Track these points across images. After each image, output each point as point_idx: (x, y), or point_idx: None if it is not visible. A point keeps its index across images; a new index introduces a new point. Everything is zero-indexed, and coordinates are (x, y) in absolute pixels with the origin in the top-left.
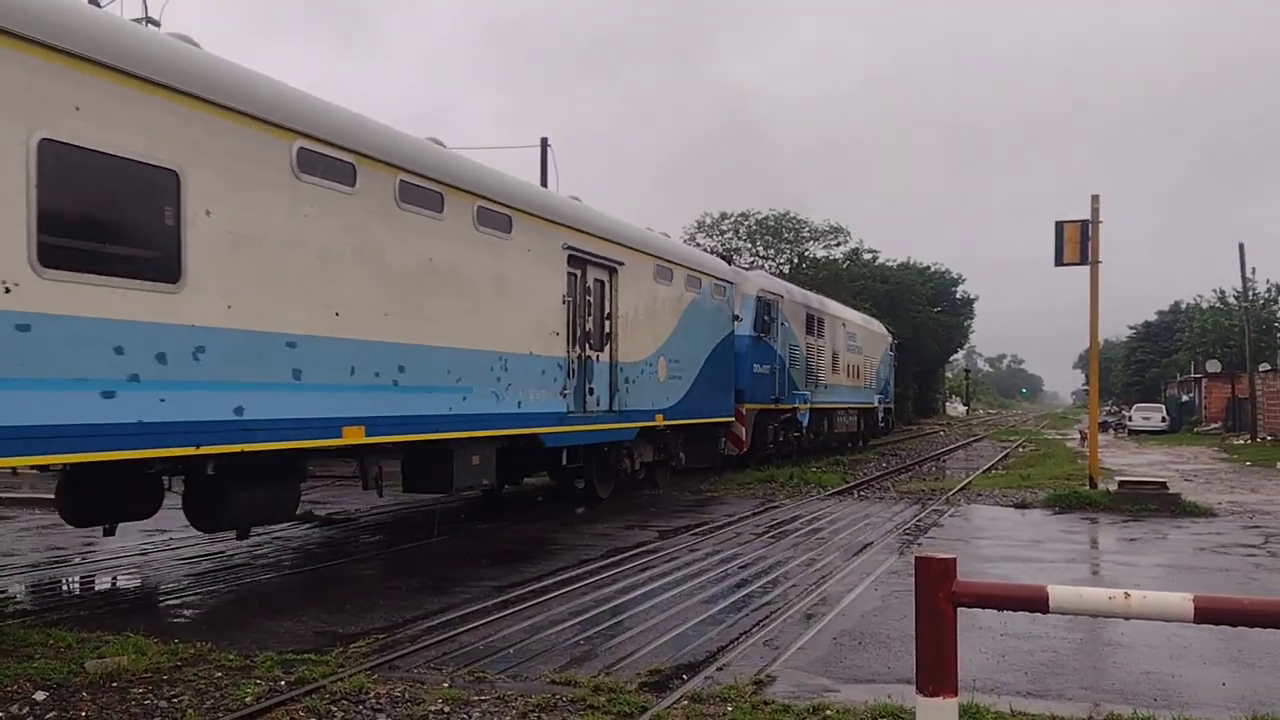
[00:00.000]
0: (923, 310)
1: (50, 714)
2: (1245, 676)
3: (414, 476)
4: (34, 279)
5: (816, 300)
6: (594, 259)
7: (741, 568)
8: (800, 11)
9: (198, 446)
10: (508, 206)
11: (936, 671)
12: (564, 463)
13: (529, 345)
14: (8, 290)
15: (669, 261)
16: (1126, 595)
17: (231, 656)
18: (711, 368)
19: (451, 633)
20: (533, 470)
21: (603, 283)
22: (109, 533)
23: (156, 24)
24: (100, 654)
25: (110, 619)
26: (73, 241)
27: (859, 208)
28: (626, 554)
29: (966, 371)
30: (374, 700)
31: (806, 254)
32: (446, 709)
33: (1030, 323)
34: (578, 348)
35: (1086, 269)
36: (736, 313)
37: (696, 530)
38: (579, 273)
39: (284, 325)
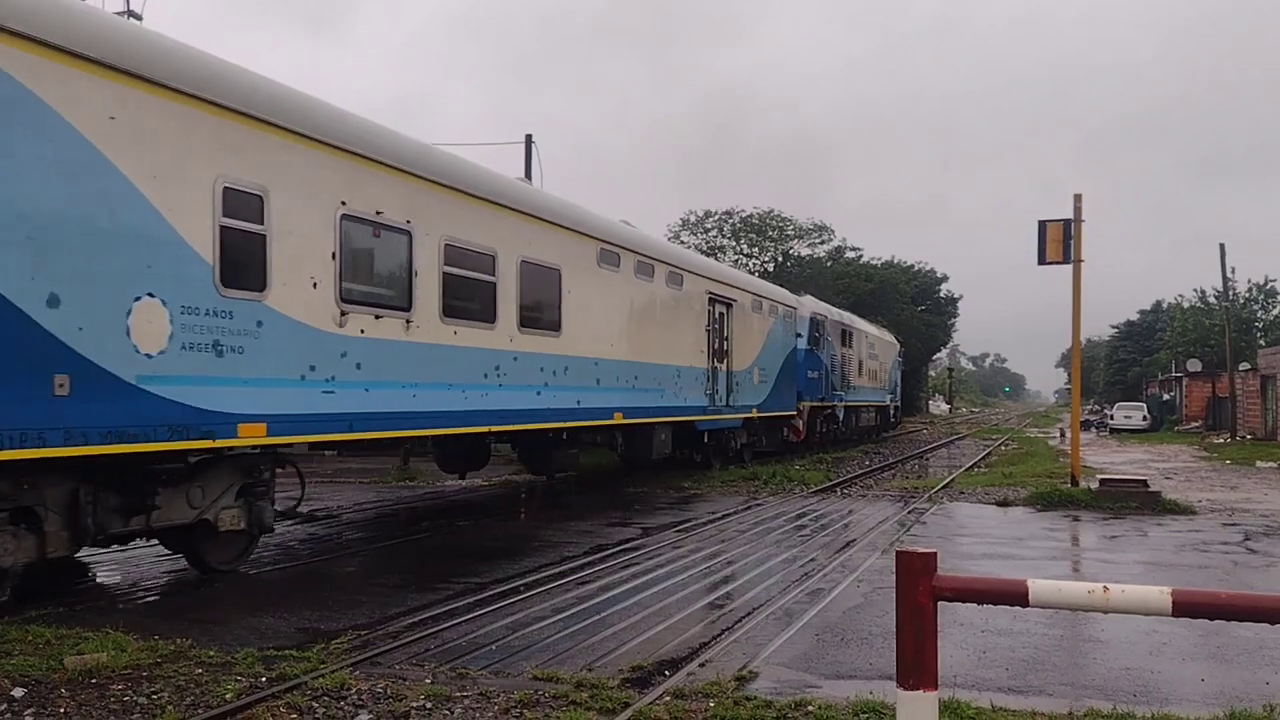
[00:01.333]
0: (906, 309)
1: (29, 711)
2: (1224, 672)
3: (628, 448)
4: (519, 334)
5: (848, 318)
6: (720, 298)
7: (724, 565)
8: (781, 5)
9: (564, 421)
10: (681, 269)
11: (917, 665)
12: (705, 441)
13: (689, 360)
14: (511, 340)
15: (761, 296)
16: (1105, 589)
17: (212, 653)
18: (783, 374)
19: (434, 629)
20: (686, 445)
21: (723, 314)
22: (461, 478)
23: (139, 18)
24: (79, 650)
25: (90, 615)
26: (530, 313)
27: (843, 205)
28: (610, 551)
29: (950, 370)
30: (355, 696)
31: (790, 252)
32: (428, 705)
33: (1013, 322)
34: (711, 361)
35: (1069, 268)
36: (798, 331)
37: (680, 527)
38: (712, 309)
39: (594, 353)
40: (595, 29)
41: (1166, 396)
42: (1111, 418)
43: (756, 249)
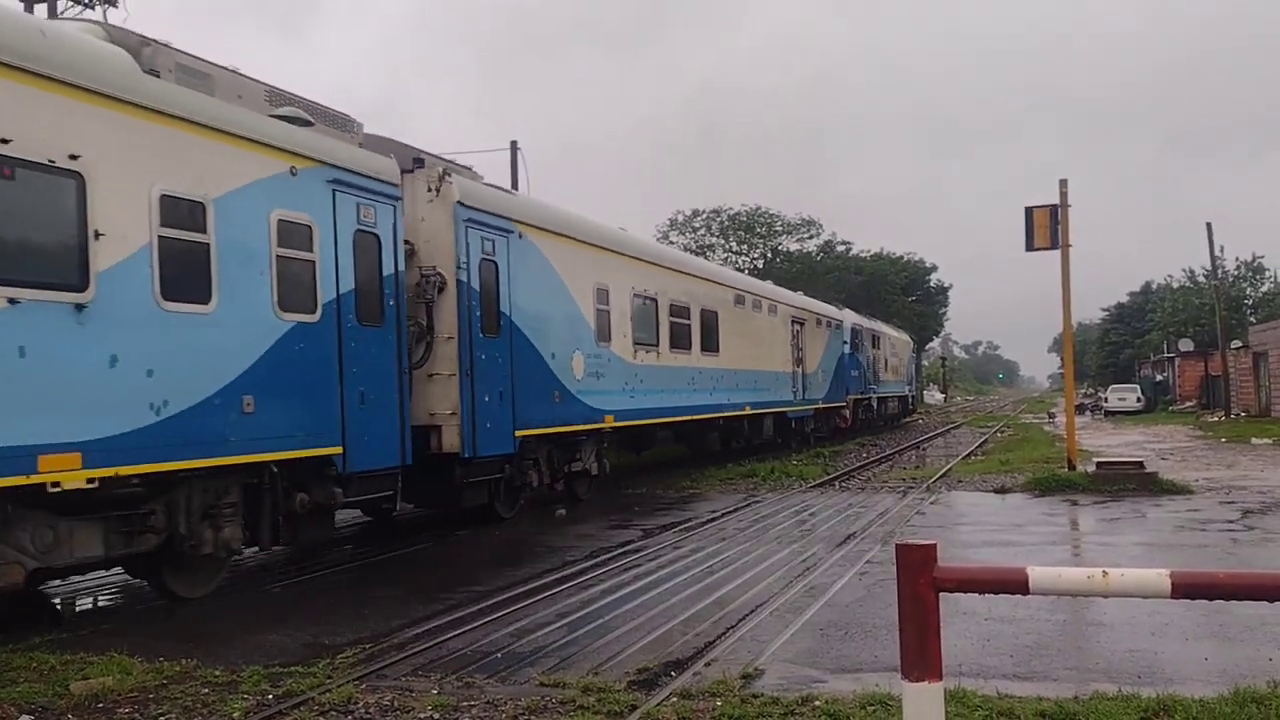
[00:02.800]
0: (897, 300)
1: None
2: (1227, 651)
3: (749, 432)
4: (700, 356)
5: (877, 325)
6: (797, 319)
7: (726, 563)
8: None
9: (720, 413)
10: (776, 301)
11: (921, 657)
12: (793, 426)
13: (782, 366)
14: (698, 360)
15: (820, 315)
16: (1105, 574)
17: (218, 672)
18: (836, 373)
19: (439, 639)
20: (780, 429)
21: (799, 330)
22: (638, 454)
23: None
24: (85, 675)
25: (94, 640)
26: (705, 341)
27: (832, 197)
28: (611, 554)
29: (943, 359)
30: (363, 710)
31: (779, 248)
32: (436, 716)
33: (1004, 308)
34: (793, 366)
35: (1058, 253)
36: (844, 339)
37: (680, 527)
38: (792, 327)
39: (732, 365)
40: (574, 26)
41: (1160, 377)
42: (1106, 400)
43: (746, 245)
